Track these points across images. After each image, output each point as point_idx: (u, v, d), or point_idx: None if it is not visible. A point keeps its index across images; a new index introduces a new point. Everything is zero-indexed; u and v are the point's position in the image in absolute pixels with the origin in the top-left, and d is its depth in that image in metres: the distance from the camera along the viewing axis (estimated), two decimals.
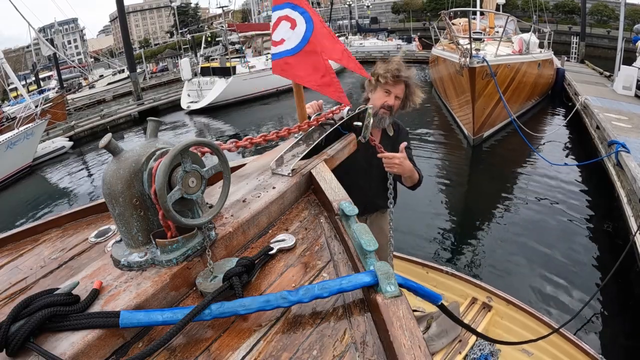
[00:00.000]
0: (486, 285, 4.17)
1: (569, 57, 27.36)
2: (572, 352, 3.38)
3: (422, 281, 4.34)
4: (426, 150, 12.38)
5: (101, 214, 2.03)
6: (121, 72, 45.97)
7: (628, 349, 4.67)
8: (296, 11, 2.16)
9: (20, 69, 49.73)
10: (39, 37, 31.17)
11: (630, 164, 6.71)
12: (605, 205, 7.76)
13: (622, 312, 5.24)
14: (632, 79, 14.52)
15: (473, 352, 3.64)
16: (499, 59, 11.76)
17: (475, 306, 4.10)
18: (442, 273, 4.44)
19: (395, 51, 39.93)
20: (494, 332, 3.93)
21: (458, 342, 3.68)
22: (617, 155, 7.32)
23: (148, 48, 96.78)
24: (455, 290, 4.31)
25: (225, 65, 24.21)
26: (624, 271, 5.47)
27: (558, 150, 11.62)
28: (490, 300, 4.07)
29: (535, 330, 3.67)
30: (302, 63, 2.15)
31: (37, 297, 1.00)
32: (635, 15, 35.48)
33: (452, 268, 4.56)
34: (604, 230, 7.18)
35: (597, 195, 8.42)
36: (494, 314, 4.01)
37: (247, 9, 56.26)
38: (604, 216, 7.53)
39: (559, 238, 6.84)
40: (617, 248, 6.24)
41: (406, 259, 4.72)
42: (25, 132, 14.62)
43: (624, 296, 5.46)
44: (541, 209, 8.08)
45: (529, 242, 6.79)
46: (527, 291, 5.49)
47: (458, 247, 6.97)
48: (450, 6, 28.65)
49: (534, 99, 16.40)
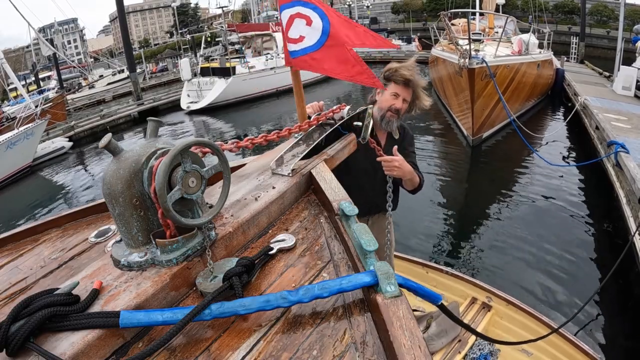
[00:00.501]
0: (486, 285, 4.16)
1: (568, 57, 27.38)
2: (571, 352, 3.38)
3: (422, 281, 4.34)
4: (426, 151, 12.41)
5: (101, 214, 2.03)
6: (121, 72, 45.96)
7: (627, 349, 4.67)
8: (308, 8, 2.17)
9: (20, 69, 49.70)
10: (38, 37, 31.16)
11: (629, 164, 6.71)
12: (605, 205, 7.75)
13: (622, 313, 5.25)
14: (632, 79, 14.54)
15: (472, 352, 3.63)
16: (498, 60, 11.76)
17: (475, 306, 4.09)
18: (442, 273, 4.44)
19: (395, 52, 40.00)
20: (494, 332, 3.93)
21: (457, 341, 3.67)
22: (616, 155, 7.33)
23: (148, 48, 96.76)
24: (455, 290, 4.31)
25: (225, 65, 24.20)
26: (623, 271, 5.47)
27: (558, 151, 11.62)
28: (490, 300, 4.06)
29: (534, 330, 3.66)
30: (328, 56, 2.17)
31: (37, 297, 1.00)
32: (635, 15, 35.53)
33: (451, 268, 4.57)
34: (603, 230, 7.18)
35: (596, 196, 8.41)
36: (494, 314, 4.00)
37: (247, 9, 56.18)
38: (604, 216, 7.52)
39: (558, 238, 6.83)
40: (616, 248, 6.23)
41: (406, 259, 4.72)
42: (25, 132, 14.62)
43: (623, 296, 5.46)
44: (541, 209, 8.08)
45: (529, 242, 6.79)
46: (526, 291, 5.49)
47: (458, 247, 6.98)
48: (450, 7, 28.68)
49: (533, 100, 16.41)
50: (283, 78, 23.83)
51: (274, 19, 47.33)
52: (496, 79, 11.03)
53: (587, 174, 9.36)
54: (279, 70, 24.34)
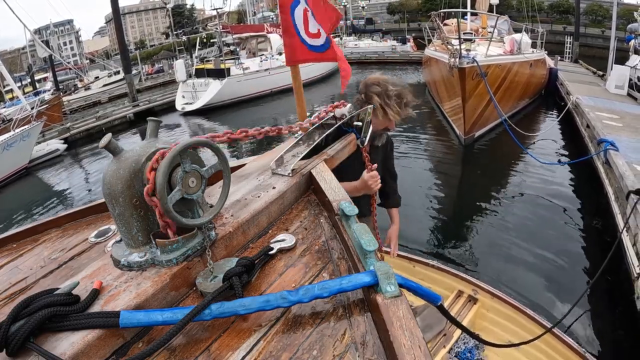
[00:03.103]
0: (472, 279, 4.22)
1: (562, 56, 27.47)
2: (560, 349, 3.40)
3: (409, 275, 4.38)
4: (419, 150, 12.52)
5: (101, 214, 2.03)
6: (117, 74, 45.73)
7: (614, 345, 4.76)
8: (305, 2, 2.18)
9: (16, 71, 49.61)
10: (34, 39, 31.11)
11: (617, 161, 6.80)
12: (595, 202, 7.82)
13: (610, 309, 5.30)
14: (625, 78, 14.65)
15: (457, 346, 3.71)
16: (489, 59, 11.81)
17: (461, 299, 4.14)
18: (429, 267, 4.49)
19: (390, 52, 40.09)
20: (480, 324, 3.99)
21: (443, 336, 3.72)
22: (605, 153, 7.44)
23: (144, 49, 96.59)
24: (442, 283, 4.36)
25: (219, 66, 24.18)
26: (613, 268, 5.52)
27: (550, 149, 11.71)
28: (476, 293, 4.11)
29: (519, 323, 3.73)
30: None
31: (37, 297, 1.00)
32: (629, 15, 35.61)
33: (439, 262, 4.60)
34: (593, 227, 7.26)
35: (587, 193, 8.49)
36: (480, 306, 4.05)
37: (243, 10, 56.15)
38: (594, 214, 7.59)
39: (548, 236, 6.91)
40: (606, 245, 6.28)
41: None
42: (21, 134, 14.59)
43: (612, 293, 5.51)
44: (531, 206, 8.15)
45: (519, 239, 6.86)
46: (515, 287, 5.55)
47: (447, 243, 7.05)
48: (444, 7, 28.74)
49: (526, 99, 16.49)
50: (277, 79, 23.93)
51: (270, 19, 47.36)
52: (487, 78, 11.09)
53: (578, 172, 9.46)
54: (274, 72, 24.38)
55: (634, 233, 5.23)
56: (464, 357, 3.65)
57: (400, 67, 34.21)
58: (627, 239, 5.42)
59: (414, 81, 26.01)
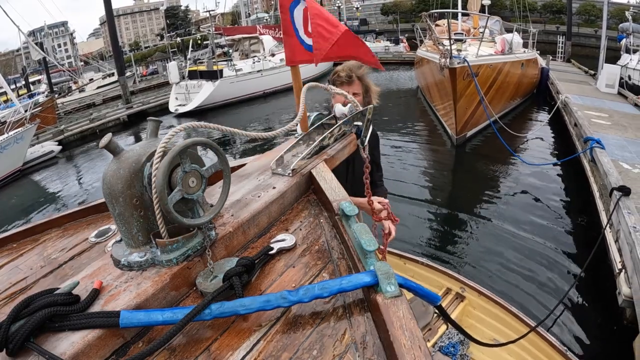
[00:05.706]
0: (460, 277, 4.27)
1: (555, 56, 27.61)
2: (543, 347, 3.43)
3: (400, 272, 4.43)
4: (411, 150, 12.63)
5: (101, 214, 2.03)
6: (111, 76, 45.53)
7: (597, 340, 4.84)
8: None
9: (10, 73, 49.16)
10: (28, 42, 30.96)
11: (602, 159, 6.92)
12: (581, 200, 7.94)
13: (594, 305, 5.39)
14: (615, 77, 14.80)
15: (442, 341, 3.73)
16: (480, 59, 11.90)
17: (449, 296, 4.20)
18: (419, 264, 4.53)
19: (383, 52, 40.15)
20: (467, 321, 4.03)
21: (428, 330, 3.76)
22: (591, 151, 7.55)
23: (138, 51, 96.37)
24: (431, 280, 4.40)
25: (212, 68, 24.20)
26: (597, 264, 5.59)
27: (540, 148, 11.87)
28: (464, 290, 4.17)
29: (504, 321, 3.77)
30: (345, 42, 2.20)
31: (37, 297, 1.00)
32: (622, 14, 35.81)
33: (428, 260, 4.65)
34: (579, 224, 7.37)
35: (574, 191, 8.63)
36: (467, 304, 4.10)
37: (237, 11, 56.06)
38: (580, 211, 7.71)
39: (534, 234, 7.01)
40: (591, 242, 6.37)
41: (387, 251, 4.78)
42: (15, 137, 14.59)
43: (596, 289, 5.59)
44: (520, 205, 8.28)
45: (507, 237, 6.98)
46: (501, 285, 5.66)
47: (437, 242, 7.16)
48: (437, 8, 28.85)
49: (518, 98, 16.60)
50: (270, 80, 24.11)
51: (264, 21, 47.29)
52: (478, 78, 11.19)
53: (566, 171, 9.60)
54: (266, 73, 24.50)
55: (616, 229, 5.35)
56: (447, 351, 3.68)
57: (394, 67, 34.27)
58: (610, 236, 5.57)
59: (406, 81, 26.11)
